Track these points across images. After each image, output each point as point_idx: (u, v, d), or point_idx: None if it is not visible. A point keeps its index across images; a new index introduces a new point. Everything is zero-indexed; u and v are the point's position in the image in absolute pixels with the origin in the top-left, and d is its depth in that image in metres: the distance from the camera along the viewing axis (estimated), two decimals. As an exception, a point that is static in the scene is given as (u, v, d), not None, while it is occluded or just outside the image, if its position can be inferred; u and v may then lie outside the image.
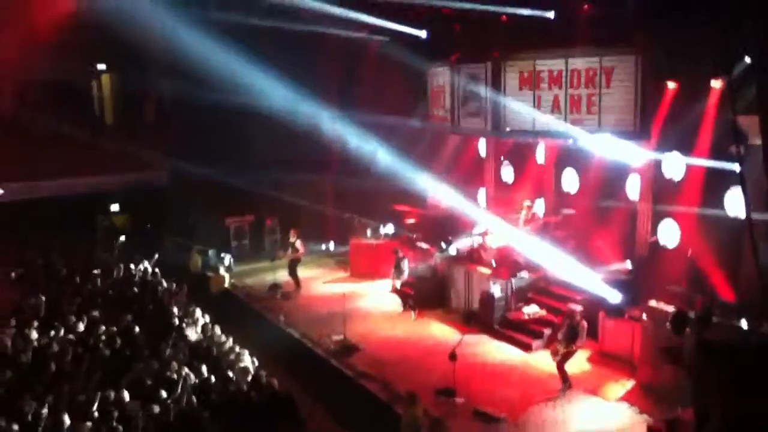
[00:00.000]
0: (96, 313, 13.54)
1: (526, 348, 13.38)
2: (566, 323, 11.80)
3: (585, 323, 11.85)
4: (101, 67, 24.52)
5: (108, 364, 11.12)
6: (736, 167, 11.77)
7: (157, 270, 17.13)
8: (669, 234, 13.50)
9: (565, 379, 11.62)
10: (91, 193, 21.32)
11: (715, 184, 12.50)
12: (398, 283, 16.42)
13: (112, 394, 9.70)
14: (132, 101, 24.06)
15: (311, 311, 16.11)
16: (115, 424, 8.97)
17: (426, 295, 16.24)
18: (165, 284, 15.88)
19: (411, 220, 19.00)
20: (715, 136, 12.35)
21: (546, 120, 15.01)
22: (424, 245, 17.56)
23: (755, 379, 8.89)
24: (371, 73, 20.22)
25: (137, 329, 12.59)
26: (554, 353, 11.75)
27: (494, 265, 15.25)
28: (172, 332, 12.55)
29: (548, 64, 14.89)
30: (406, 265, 16.01)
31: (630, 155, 13.88)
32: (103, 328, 12.61)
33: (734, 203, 12.09)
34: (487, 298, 14.55)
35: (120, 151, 20.88)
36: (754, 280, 11.31)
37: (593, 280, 13.51)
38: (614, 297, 13.04)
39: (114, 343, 11.90)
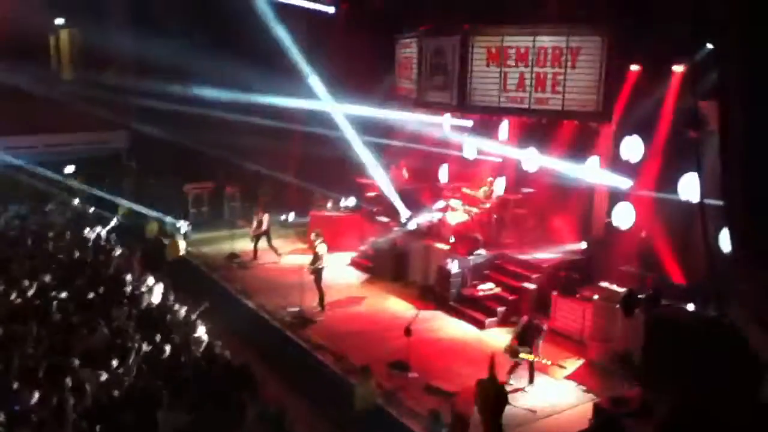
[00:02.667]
0: (48, 278, 13.20)
1: (480, 325, 13.51)
2: (521, 327, 11.43)
3: (542, 327, 11.52)
4: (60, 21, 23.68)
5: (59, 330, 10.88)
6: (693, 152, 11.99)
7: (111, 235, 16.78)
8: (624, 216, 13.68)
9: (510, 373, 11.29)
10: (45, 153, 20.70)
11: (671, 168, 12.69)
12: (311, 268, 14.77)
13: (63, 361, 9.50)
14: (93, 59, 23.30)
15: (268, 282, 16.01)
16: (65, 393, 8.79)
17: (384, 269, 16.26)
18: (119, 250, 15.56)
19: (372, 194, 18.92)
20: (675, 121, 12.50)
21: (511, 97, 14.99)
22: (384, 219, 17.54)
23: (701, 358, 9.15)
24: (340, 42, 19.94)
25: (90, 295, 12.32)
26: (512, 353, 11.21)
27: (452, 241, 15.31)
28: (125, 299, 12.33)
29: (516, 41, 14.83)
30: (323, 251, 14.57)
31: (591, 136, 13.99)
32: (54, 293, 12.30)
33: (688, 188, 12.29)
34: (444, 274, 14.63)
35: (78, 110, 20.28)
36: (704, 264, 11.60)
37: (549, 259, 13.67)
38: (567, 276, 13.22)
39: (66, 309, 11.64)
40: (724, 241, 10.97)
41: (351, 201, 19.16)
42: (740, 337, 9.20)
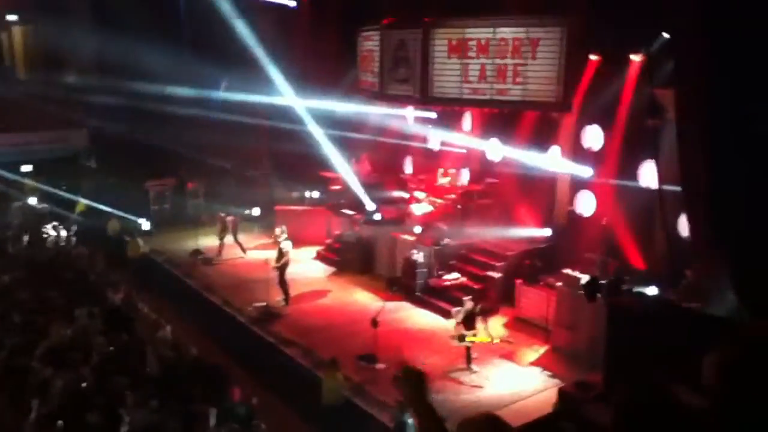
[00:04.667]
0: (6, 278, 12.92)
1: (447, 315, 13.59)
2: (465, 312, 11.61)
3: (485, 308, 11.83)
4: (12, 18, 23.11)
5: (21, 331, 10.65)
6: (652, 140, 12.22)
7: (72, 235, 16.48)
8: (586, 203, 13.88)
9: (469, 360, 11.52)
10: (1, 153, 20.20)
11: (631, 156, 12.90)
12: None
13: (26, 362, 9.31)
14: (49, 57, 22.78)
15: (234, 278, 15.90)
16: (26, 394, 8.62)
17: (350, 261, 16.26)
18: (80, 249, 15.30)
19: (337, 187, 18.87)
20: (633, 109, 12.70)
21: (473, 89, 15.07)
22: (349, 212, 17.52)
23: (661, 343, 9.34)
24: (302, 37, 19.83)
25: (52, 295, 12.09)
26: (459, 339, 11.47)
27: (418, 232, 15.36)
28: (88, 298, 12.12)
29: (476, 33, 14.90)
30: (288, 247, 14.50)
31: (552, 125, 14.14)
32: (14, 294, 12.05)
33: (648, 175, 12.52)
34: (410, 265, 14.69)
35: (35, 109, 19.84)
36: (664, 249, 11.84)
37: (513, 248, 13.80)
38: (531, 264, 13.37)
39: (27, 310, 11.40)
40: (683, 226, 11.21)
41: (315, 194, 19.10)
42: (697, 319, 9.45)
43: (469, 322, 11.42)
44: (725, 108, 9.78)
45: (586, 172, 13.75)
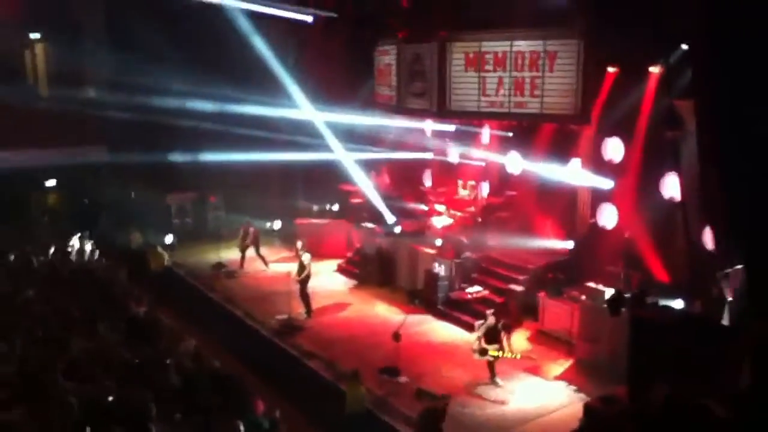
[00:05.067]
0: (31, 293, 13.06)
1: (469, 328, 13.53)
2: (487, 327, 11.50)
3: (508, 323, 11.74)
4: (35, 36, 23.49)
5: (43, 345, 10.76)
6: (672, 151, 12.19)
7: (95, 248, 16.65)
8: (608, 216, 13.83)
9: (493, 374, 11.46)
10: (25, 168, 20.47)
11: (652, 168, 12.86)
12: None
13: (47, 375, 9.40)
14: (69, 74, 23.13)
15: (256, 290, 15.98)
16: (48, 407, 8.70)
17: (371, 274, 16.31)
18: (103, 262, 15.45)
19: (357, 200, 18.96)
20: (653, 121, 12.68)
21: (490, 102, 15.12)
22: (369, 225, 17.58)
23: (686, 356, 9.28)
24: (319, 51, 19.99)
25: (74, 309, 12.21)
26: (481, 353, 11.39)
27: (439, 244, 15.38)
28: (111, 311, 12.23)
29: (493, 46, 14.97)
30: (308, 260, 14.53)
31: (572, 138, 14.15)
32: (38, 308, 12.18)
33: (670, 186, 12.47)
34: (432, 278, 14.68)
35: (56, 125, 20.13)
36: (687, 261, 11.77)
37: (535, 261, 13.77)
38: (554, 277, 13.32)
39: (48, 324, 11.51)
40: (706, 238, 11.15)
41: (336, 207, 19.19)
42: (723, 331, 9.39)
43: (490, 336, 11.37)
44: (743, 119, 9.76)
45: (607, 184, 13.72)
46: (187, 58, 17.90)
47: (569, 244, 14.52)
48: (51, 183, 21.46)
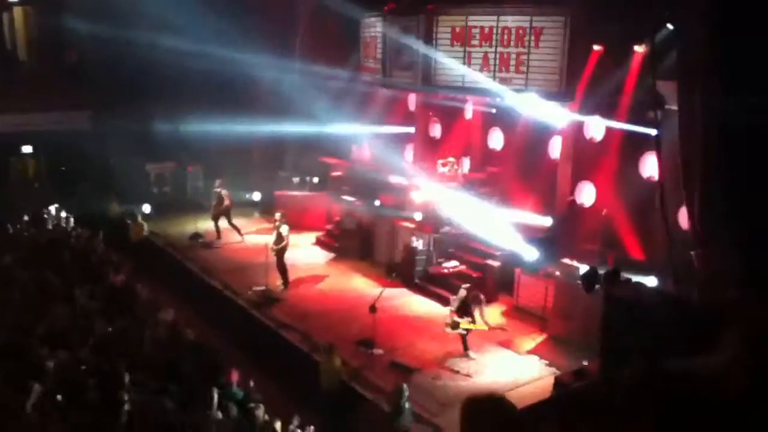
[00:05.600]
0: (8, 258, 12.95)
1: (446, 302, 13.56)
2: (460, 300, 11.67)
3: (480, 296, 11.92)
4: (13, -1, 22.98)
5: (20, 312, 10.70)
6: (653, 131, 12.22)
7: (72, 216, 16.49)
8: (586, 193, 13.89)
9: (465, 347, 11.61)
10: (2, 133, 20.15)
11: (632, 147, 12.91)
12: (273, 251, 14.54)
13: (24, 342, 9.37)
14: (50, 38, 22.66)
15: (233, 261, 15.93)
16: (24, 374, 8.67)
17: (350, 248, 16.31)
18: (80, 230, 15.32)
19: (337, 173, 18.87)
20: (635, 101, 12.69)
21: (475, 77, 15.05)
22: (349, 198, 17.53)
23: (658, 334, 9.40)
24: (305, 19, 19.74)
25: (51, 277, 12.13)
26: (453, 326, 11.55)
27: (418, 219, 15.39)
28: (87, 279, 12.17)
29: (480, 21, 14.84)
30: (286, 231, 14.47)
31: (554, 116, 14.13)
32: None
33: (649, 166, 12.53)
34: (410, 252, 14.72)
35: (35, 90, 19.80)
36: (663, 240, 11.86)
37: (513, 237, 13.83)
38: (531, 254, 13.39)
39: (26, 291, 11.44)
40: (683, 218, 11.24)
41: (316, 180, 19.10)
42: (696, 310, 9.50)
43: (462, 309, 11.49)
44: (727, 100, 9.80)
45: (586, 162, 13.75)
46: (169, 20, 17.58)
47: (548, 221, 14.57)
48: (27, 149, 21.14)
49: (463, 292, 11.66)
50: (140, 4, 17.74)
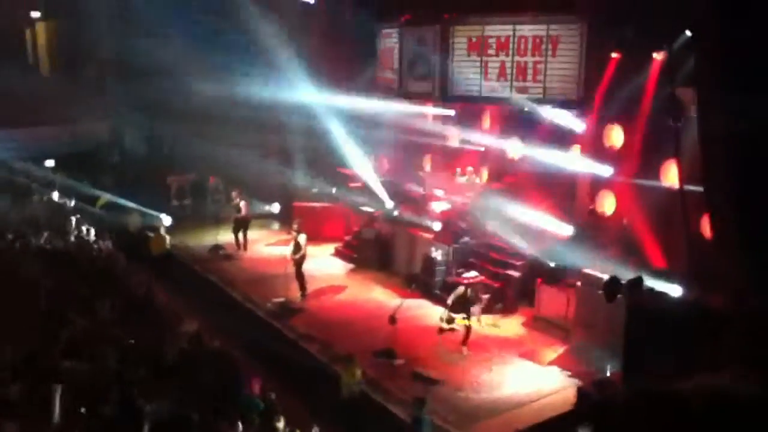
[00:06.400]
0: (28, 271, 13.09)
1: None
2: (456, 297, 11.99)
3: (480, 295, 12.43)
4: (36, 14, 23.39)
5: (43, 324, 10.80)
6: (673, 139, 12.13)
7: (94, 229, 16.66)
8: (606, 202, 13.80)
9: (465, 341, 11.99)
10: (25, 146, 20.47)
11: (651, 155, 12.81)
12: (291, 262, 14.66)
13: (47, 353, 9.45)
14: (72, 53, 23.04)
15: (253, 273, 15.99)
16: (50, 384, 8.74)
17: (369, 258, 16.31)
18: (103, 243, 15.47)
19: (356, 184, 18.91)
20: (654, 108, 12.61)
21: (492, 86, 15.05)
22: (368, 209, 17.55)
23: (682, 343, 9.29)
24: (321, 33, 19.87)
25: (73, 288, 12.25)
26: (448, 321, 11.95)
27: (437, 229, 15.37)
28: (109, 291, 12.27)
29: (496, 30, 14.88)
30: (303, 241, 14.59)
31: (572, 124, 14.08)
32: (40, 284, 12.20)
33: (669, 174, 12.43)
34: (429, 263, 14.69)
35: (57, 104, 20.09)
36: (685, 248, 11.75)
37: (532, 247, 13.75)
38: (552, 263, 13.31)
39: (48, 303, 11.56)
40: (705, 226, 11.11)
41: (335, 191, 19.14)
42: (717, 318, 9.38)
43: (459, 305, 11.71)
44: (745, 107, 9.71)
45: (606, 170, 13.66)
46: (189, 39, 17.84)
47: (568, 230, 14.47)
48: (50, 163, 21.43)
49: (461, 289, 11.93)
50: (161, 18, 17.99)
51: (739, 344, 8.39)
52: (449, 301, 11.96)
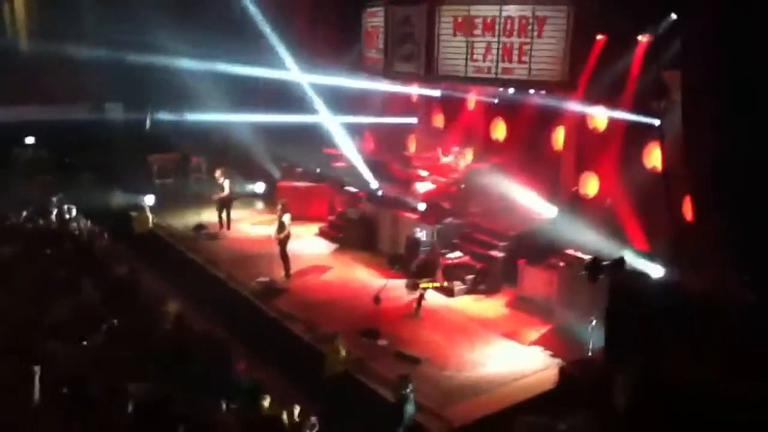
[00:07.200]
0: (8, 250, 12.94)
1: (449, 293, 13.64)
2: (417, 265, 12.63)
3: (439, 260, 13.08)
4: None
5: (23, 304, 10.71)
6: (657, 121, 12.22)
7: (75, 208, 16.48)
8: (590, 184, 13.89)
9: (418, 308, 12.52)
10: (4, 123, 20.11)
11: (636, 137, 12.90)
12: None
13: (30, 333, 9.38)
14: (51, 28, 22.59)
15: (237, 253, 15.93)
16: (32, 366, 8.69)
17: (353, 238, 16.33)
18: (84, 222, 15.31)
19: (340, 164, 18.87)
20: (639, 91, 12.68)
21: (478, 67, 15.00)
22: (352, 189, 17.53)
23: (662, 323, 9.44)
24: (306, 11, 19.69)
25: (55, 267, 12.14)
26: (413, 287, 12.71)
27: (421, 210, 15.39)
28: (92, 271, 12.17)
29: (482, 10, 14.78)
30: (288, 221, 14.49)
31: (557, 106, 14.11)
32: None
33: (653, 156, 12.52)
34: (413, 243, 14.71)
35: (37, 80, 19.76)
36: (667, 230, 11.89)
37: (516, 227, 13.84)
38: (536, 244, 13.40)
39: (29, 283, 11.45)
40: (687, 209, 11.25)
41: (319, 171, 19.09)
42: (698, 299, 9.54)
43: (423, 270, 12.15)
44: (731, 90, 9.79)
45: (590, 152, 13.74)
46: (173, 14, 17.59)
47: (551, 211, 14.57)
48: (30, 140, 21.13)
49: (420, 257, 12.58)
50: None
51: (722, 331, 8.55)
52: (413, 267, 12.20)
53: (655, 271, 11.25)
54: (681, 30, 11.17)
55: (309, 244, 16.65)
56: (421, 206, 15.49)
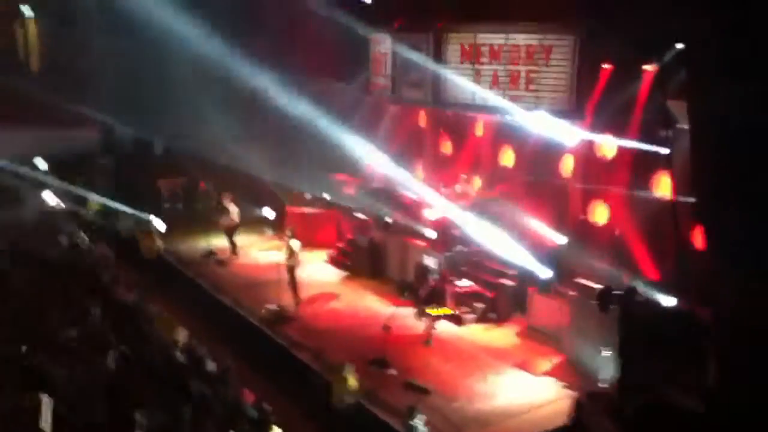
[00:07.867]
0: (17, 275, 12.97)
1: (458, 321, 13.58)
2: (427, 293, 12.81)
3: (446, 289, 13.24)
4: (26, 9, 23.24)
5: (31, 330, 10.71)
6: (664, 150, 12.22)
7: (82, 232, 16.56)
8: (599, 212, 13.86)
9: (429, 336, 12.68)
10: (15, 146, 20.25)
11: (643, 166, 12.90)
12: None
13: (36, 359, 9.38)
14: (62, 50, 22.84)
15: (246, 279, 15.94)
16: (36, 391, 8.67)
17: (362, 265, 16.30)
18: (92, 247, 15.38)
19: (349, 190, 18.89)
20: (646, 119, 12.70)
21: (485, 95, 15.09)
22: (361, 215, 17.54)
23: (675, 352, 9.37)
24: (312, 36, 19.82)
25: (63, 293, 12.16)
26: (421, 314, 12.84)
27: (430, 237, 15.38)
28: (99, 297, 12.19)
29: (489, 39, 14.93)
30: (297, 247, 14.63)
31: (565, 134, 14.13)
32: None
33: (661, 185, 12.51)
34: (422, 271, 14.67)
35: (48, 104, 19.90)
36: (677, 259, 11.84)
37: (525, 256, 13.79)
38: (545, 273, 13.34)
39: (37, 308, 11.46)
40: (696, 237, 11.21)
41: (327, 197, 19.10)
42: (711, 331, 9.47)
43: (433, 299, 12.44)
44: (738, 119, 9.80)
45: (598, 181, 13.73)
46: (179, 36, 17.71)
47: (560, 240, 14.52)
48: (41, 164, 21.26)
49: (431, 283, 12.67)
50: (154, 20, 17.89)
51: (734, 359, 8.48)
52: (422, 294, 12.41)
53: (667, 300, 11.18)
54: (687, 59, 11.22)
55: (317, 270, 16.64)
56: (431, 233, 15.48)
